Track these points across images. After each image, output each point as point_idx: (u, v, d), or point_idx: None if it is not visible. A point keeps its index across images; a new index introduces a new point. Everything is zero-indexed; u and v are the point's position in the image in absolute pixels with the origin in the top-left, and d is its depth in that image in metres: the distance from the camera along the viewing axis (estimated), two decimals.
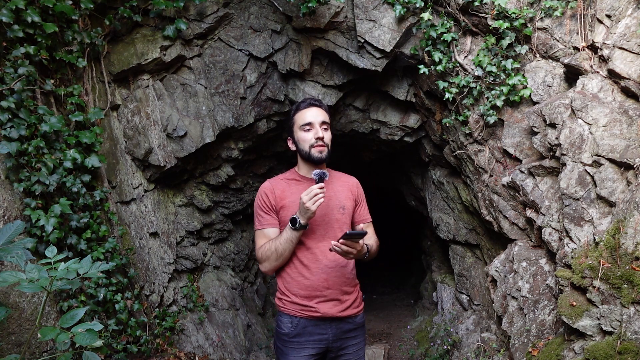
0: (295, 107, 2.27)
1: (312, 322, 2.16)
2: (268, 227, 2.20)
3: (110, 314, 3.46)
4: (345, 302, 2.20)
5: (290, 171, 2.33)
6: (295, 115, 2.23)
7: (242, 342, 4.99)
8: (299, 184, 2.23)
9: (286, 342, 2.19)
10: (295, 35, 4.04)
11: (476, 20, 3.61)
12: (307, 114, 2.19)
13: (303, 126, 2.18)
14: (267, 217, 2.20)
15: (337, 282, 2.17)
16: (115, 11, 3.62)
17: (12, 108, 2.92)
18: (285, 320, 2.20)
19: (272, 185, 2.23)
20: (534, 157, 3.45)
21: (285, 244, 2.10)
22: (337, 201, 2.22)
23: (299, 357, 2.16)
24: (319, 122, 2.18)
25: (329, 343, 2.19)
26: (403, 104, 4.60)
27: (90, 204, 3.37)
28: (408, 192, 6.60)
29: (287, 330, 2.18)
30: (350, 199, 2.29)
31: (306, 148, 2.17)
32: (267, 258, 2.15)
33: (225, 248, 5.40)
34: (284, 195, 2.20)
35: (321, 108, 2.23)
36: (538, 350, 2.92)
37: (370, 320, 6.77)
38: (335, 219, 2.19)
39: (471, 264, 4.67)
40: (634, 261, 2.45)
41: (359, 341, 2.28)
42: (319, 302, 2.15)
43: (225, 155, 4.58)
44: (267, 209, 2.21)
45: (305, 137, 2.18)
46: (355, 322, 2.26)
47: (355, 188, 2.35)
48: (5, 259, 1.93)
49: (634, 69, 2.79)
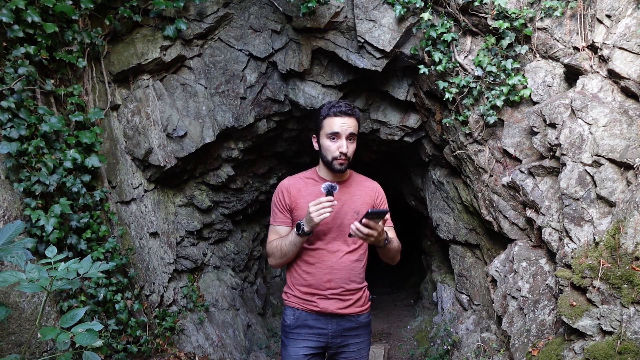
0: (327, 109, 2.17)
1: (312, 315, 2.21)
2: (280, 224, 2.26)
3: (110, 314, 3.46)
4: (347, 301, 2.21)
5: (311, 170, 2.34)
6: (325, 120, 2.16)
7: (242, 342, 4.99)
8: (316, 184, 2.25)
9: (287, 334, 2.26)
10: (295, 35, 4.04)
11: (476, 20, 3.61)
12: (337, 123, 2.13)
13: (330, 135, 2.14)
14: (280, 215, 2.26)
15: (340, 282, 2.19)
16: (115, 11, 3.62)
17: (12, 108, 2.92)
18: (289, 313, 2.27)
19: (290, 184, 2.27)
20: (534, 157, 3.45)
21: (289, 246, 2.15)
22: (353, 205, 2.22)
23: (297, 348, 2.21)
24: (347, 134, 2.13)
25: (328, 338, 2.22)
26: (403, 104, 4.60)
27: (90, 204, 3.37)
28: (408, 192, 6.60)
29: (289, 322, 2.26)
30: (368, 204, 2.28)
31: (329, 157, 2.16)
32: (273, 254, 2.23)
33: (225, 248, 5.40)
34: (299, 194, 2.23)
35: (353, 117, 2.16)
36: (538, 350, 2.92)
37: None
38: (348, 224, 2.18)
39: (471, 264, 4.67)
40: (634, 261, 2.45)
41: (361, 340, 2.29)
42: (319, 299, 2.19)
43: (225, 155, 4.58)
44: (281, 207, 2.25)
45: (330, 146, 2.15)
46: (358, 321, 2.27)
47: (374, 193, 2.34)
48: (5, 259, 1.93)
49: (634, 69, 2.79)
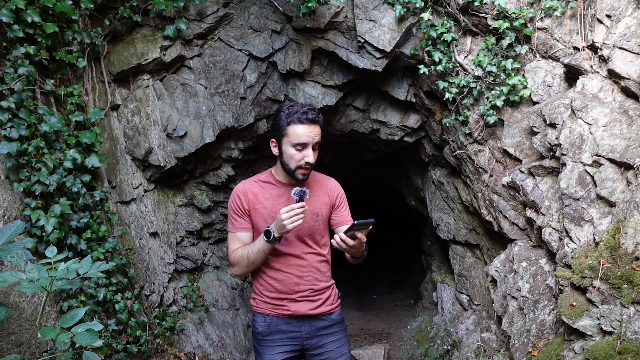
0: (291, 114, 2.02)
1: (284, 320, 2.19)
2: (241, 230, 2.18)
3: (110, 314, 3.46)
4: (317, 301, 2.20)
5: (267, 173, 2.25)
6: (289, 127, 2.02)
7: (242, 342, 4.99)
8: (273, 188, 2.19)
9: (261, 341, 2.23)
10: (295, 35, 4.04)
11: (476, 20, 3.61)
12: (303, 132, 2.00)
13: (296, 145, 2.02)
14: (240, 221, 2.18)
15: (307, 284, 2.17)
16: (115, 11, 3.62)
17: (12, 108, 2.91)
18: (259, 319, 2.23)
19: (246, 188, 2.19)
20: (534, 157, 3.45)
21: (257, 253, 2.08)
22: (311, 208, 2.16)
23: (273, 354, 2.19)
24: (314, 144, 2.05)
25: (303, 340, 2.20)
26: (403, 104, 4.60)
27: (90, 204, 3.37)
28: (408, 192, 6.59)
29: (260, 329, 2.22)
30: (327, 204, 2.24)
31: (292, 166, 2.07)
32: (238, 263, 2.14)
33: (225, 248, 5.40)
34: (257, 199, 2.16)
35: (318, 124, 2.05)
36: (538, 350, 2.92)
37: (370, 320, 6.76)
38: (307, 227, 2.16)
39: (471, 264, 4.67)
40: (634, 261, 2.45)
41: (338, 337, 2.26)
42: (289, 302, 2.17)
43: (225, 155, 4.59)
44: (240, 213, 2.17)
45: (295, 155, 2.04)
46: (331, 319, 2.25)
47: (332, 191, 2.28)
48: (5, 259, 1.93)
49: (634, 69, 2.79)
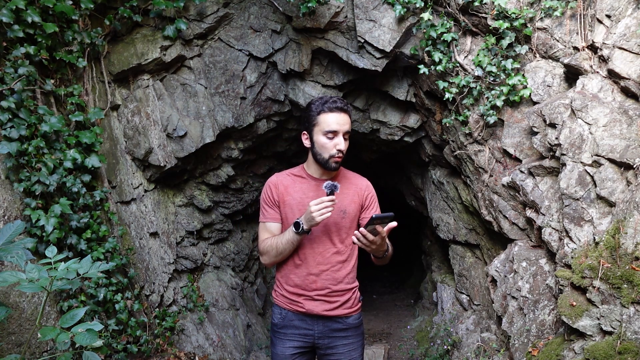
0: (321, 104, 2.09)
1: (298, 316, 2.21)
2: (271, 221, 2.23)
3: (110, 314, 3.46)
4: (334, 303, 2.19)
5: (299, 167, 2.29)
6: (320, 116, 2.07)
7: (242, 342, 4.99)
8: (303, 181, 2.22)
9: (275, 332, 2.26)
10: (295, 35, 4.04)
11: (476, 20, 3.61)
12: (334, 120, 2.05)
13: (327, 132, 2.06)
14: (271, 212, 2.23)
15: (326, 283, 2.17)
16: (115, 11, 3.62)
17: (12, 108, 2.92)
18: (276, 311, 2.27)
19: (278, 180, 2.24)
20: (534, 157, 3.45)
21: (286, 244, 2.12)
22: (340, 204, 2.16)
23: (284, 347, 2.22)
24: (344, 132, 2.08)
25: (315, 339, 2.21)
26: (403, 104, 4.60)
27: (90, 204, 3.37)
28: (408, 192, 6.59)
29: (276, 321, 2.26)
30: (356, 203, 2.23)
31: (325, 156, 2.10)
32: (267, 253, 2.19)
33: (225, 248, 5.40)
34: (287, 191, 2.20)
35: (348, 114, 2.10)
36: (538, 350, 2.92)
37: (370, 320, 6.77)
38: (334, 222, 2.17)
39: (471, 264, 4.67)
40: (634, 261, 2.45)
41: (351, 342, 2.24)
42: (305, 299, 2.18)
43: (225, 155, 4.59)
44: (270, 203, 2.23)
45: (327, 144, 2.08)
46: (347, 322, 2.23)
47: (363, 191, 2.28)
48: (5, 259, 1.93)
49: (634, 69, 2.79)
